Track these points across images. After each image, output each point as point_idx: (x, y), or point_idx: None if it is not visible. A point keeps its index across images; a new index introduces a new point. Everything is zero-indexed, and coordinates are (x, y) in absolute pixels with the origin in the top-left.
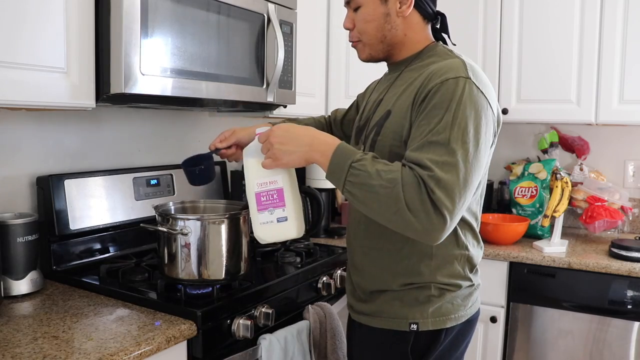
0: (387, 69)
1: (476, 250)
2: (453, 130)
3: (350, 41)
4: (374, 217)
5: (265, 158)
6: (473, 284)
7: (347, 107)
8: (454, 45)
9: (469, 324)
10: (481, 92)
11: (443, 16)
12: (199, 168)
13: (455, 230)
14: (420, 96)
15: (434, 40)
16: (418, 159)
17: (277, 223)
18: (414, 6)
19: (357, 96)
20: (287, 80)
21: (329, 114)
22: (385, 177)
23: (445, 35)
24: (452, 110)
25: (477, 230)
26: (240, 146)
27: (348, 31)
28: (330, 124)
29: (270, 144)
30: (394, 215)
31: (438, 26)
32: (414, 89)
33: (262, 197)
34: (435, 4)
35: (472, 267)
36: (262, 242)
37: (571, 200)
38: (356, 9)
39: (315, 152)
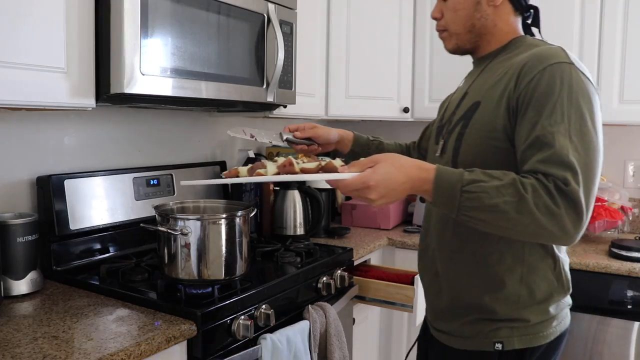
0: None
1: (565, 256)
2: (572, 121)
3: (437, 30)
4: (502, 233)
5: (358, 198)
6: (564, 298)
7: (347, 107)
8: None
9: (558, 340)
10: (587, 78)
11: (536, 9)
12: None
13: None
14: (521, 83)
15: (522, 33)
16: (536, 159)
17: None
18: None
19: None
20: (287, 80)
21: (409, 142)
22: (506, 191)
23: (536, 30)
24: (563, 98)
25: None
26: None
27: (435, 21)
28: (410, 150)
29: (370, 200)
30: (527, 226)
31: (529, 21)
32: (509, 78)
33: None
34: None
35: (565, 279)
36: None
37: None
38: None
39: (415, 191)
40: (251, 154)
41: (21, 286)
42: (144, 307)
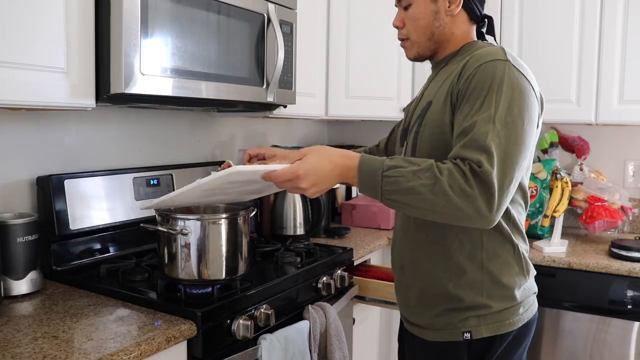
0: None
1: (524, 244)
2: (498, 110)
3: (399, 39)
4: (424, 216)
5: (291, 189)
6: (527, 284)
7: (347, 107)
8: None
9: (526, 327)
10: (522, 74)
11: (490, 19)
12: None
13: (499, 222)
14: (461, 80)
15: (475, 39)
16: (459, 145)
17: None
18: (462, 6)
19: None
20: (287, 80)
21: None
22: (423, 175)
23: (491, 38)
24: (493, 90)
25: (522, 223)
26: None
27: (397, 29)
28: (372, 152)
29: (302, 190)
30: (444, 207)
31: (484, 29)
32: (453, 76)
33: None
34: (482, 7)
35: (525, 263)
36: None
37: (571, 200)
38: (406, 8)
39: (343, 179)
40: None
41: (21, 286)
42: (144, 307)
